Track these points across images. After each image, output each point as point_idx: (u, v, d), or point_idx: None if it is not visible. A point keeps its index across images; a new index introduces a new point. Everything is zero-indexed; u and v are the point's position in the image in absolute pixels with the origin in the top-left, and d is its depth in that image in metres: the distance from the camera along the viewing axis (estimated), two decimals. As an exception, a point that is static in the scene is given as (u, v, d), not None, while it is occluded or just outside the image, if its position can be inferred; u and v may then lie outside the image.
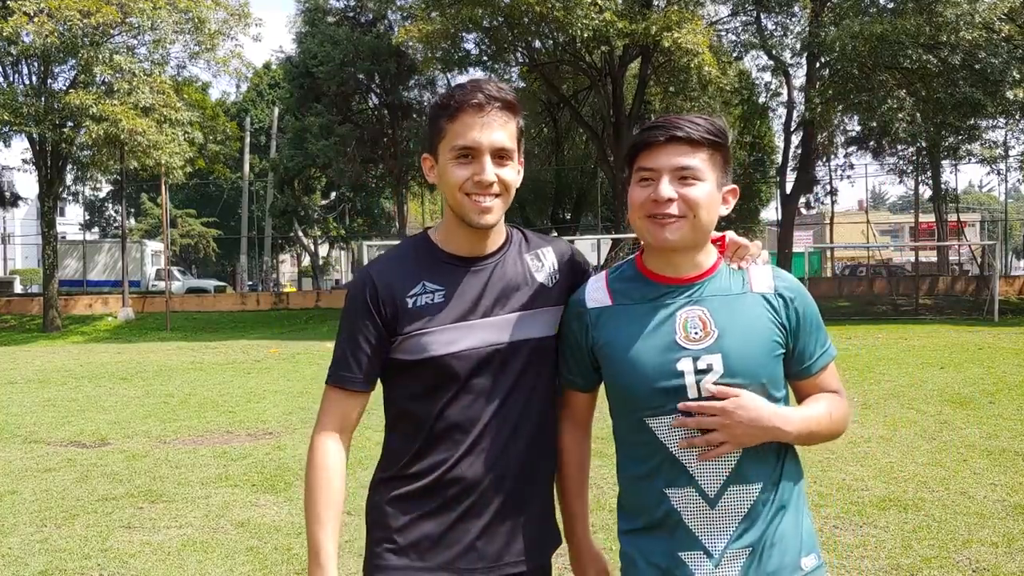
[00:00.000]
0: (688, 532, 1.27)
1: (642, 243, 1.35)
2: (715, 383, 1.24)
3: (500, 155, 1.31)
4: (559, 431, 1.45)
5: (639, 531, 1.33)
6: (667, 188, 1.24)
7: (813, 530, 1.34)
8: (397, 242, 1.54)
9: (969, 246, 27.85)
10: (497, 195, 1.31)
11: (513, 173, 1.34)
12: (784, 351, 1.29)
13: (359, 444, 2.90)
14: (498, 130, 1.30)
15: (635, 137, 1.31)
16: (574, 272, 1.46)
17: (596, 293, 1.36)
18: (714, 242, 1.34)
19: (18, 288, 33.99)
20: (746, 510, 1.26)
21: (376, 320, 1.33)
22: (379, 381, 1.41)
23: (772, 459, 1.28)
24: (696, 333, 1.26)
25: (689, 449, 1.26)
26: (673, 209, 1.24)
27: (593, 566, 1.46)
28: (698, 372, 1.24)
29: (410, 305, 1.33)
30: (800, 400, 1.36)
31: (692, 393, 1.25)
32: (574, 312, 1.38)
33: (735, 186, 1.32)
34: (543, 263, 1.42)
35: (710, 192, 1.25)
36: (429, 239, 1.40)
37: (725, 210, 1.30)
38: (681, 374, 1.25)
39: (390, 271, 1.36)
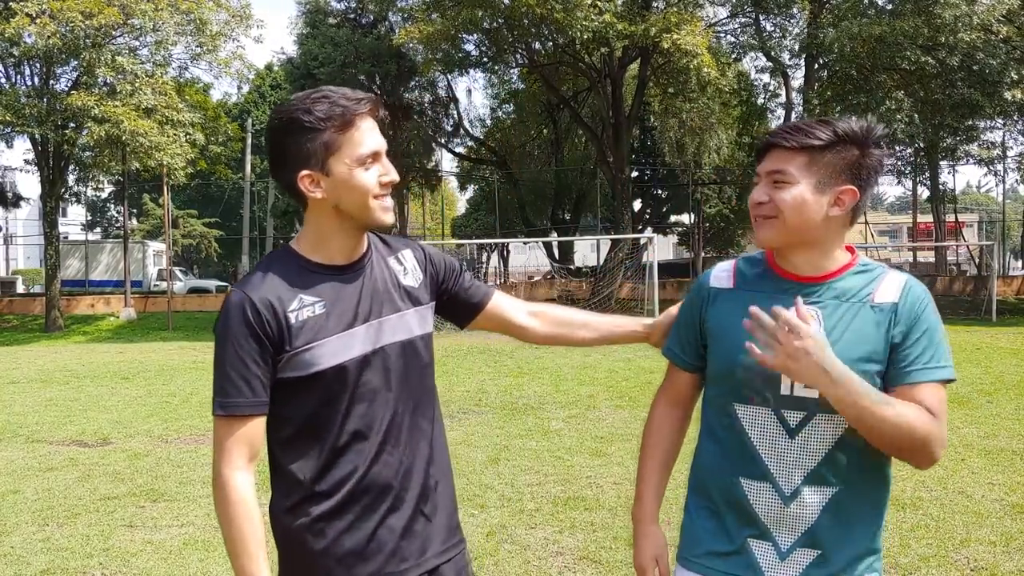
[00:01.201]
0: (759, 522, 1.30)
1: None
2: (805, 386, 1.24)
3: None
4: (655, 404, 1.50)
5: (710, 511, 1.36)
6: (759, 191, 1.32)
7: (880, 546, 1.33)
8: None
9: (967, 246, 27.86)
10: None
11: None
12: (883, 367, 1.27)
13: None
14: (378, 131, 1.34)
15: (756, 144, 1.39)
16: (434, 266, 1.50)
17: (722, 273, 1.41)
18: (848, 250, 1.36)
19: (20, 288, 34.03)
20: (819, 512, 1.27)
21: (261, 339, 1.28)
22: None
23: (857, 465, 1.28)
24: None
25: (769, 441, 1.28)
26: (764, 211, 1.30)
27: (652, 543, 1.45)
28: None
29: (292, 321, 1.30)
30: None
31: (785, 389, 1.27)
32: (696, 288, 1.43)
33: (850, 186, 1.29)
34: (405, 265, 1.45)
35: (799, 194, 1.27)
36: (294, 252, 1.37)
37: (838, 211, 1.29)
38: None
39: (266, 288, 1.31)
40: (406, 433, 1.37)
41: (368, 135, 1.31)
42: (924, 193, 27.92)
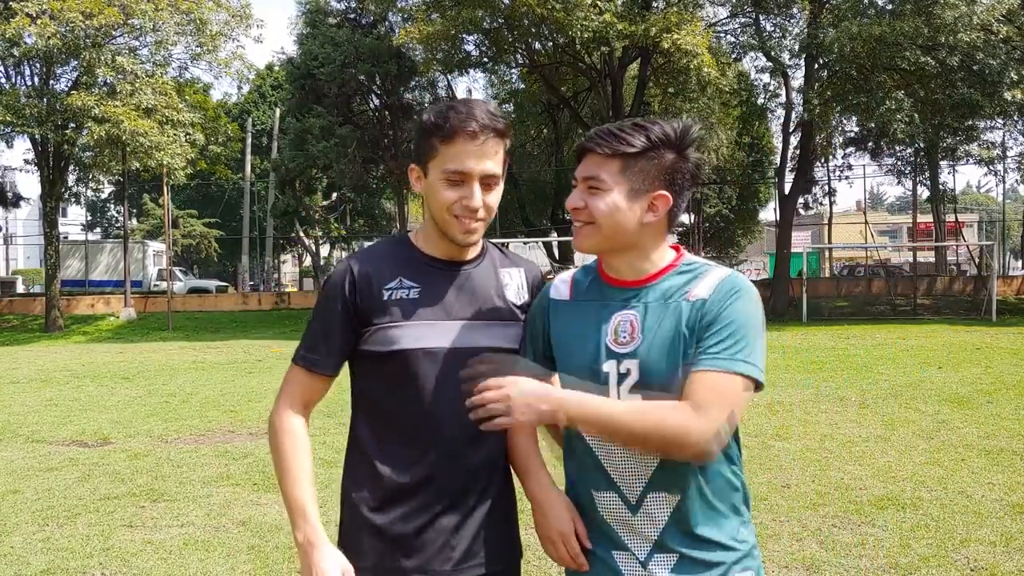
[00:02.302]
0: (616, 534, 1.30)
1: None
2: (630, 390, 1.25)
3: (488, 181, 1.36)
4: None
5: (588, 526, 1.35)
6: (574, 197, 1.30)
7: (753, 542, 1.32)
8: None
9: (967, 246, 27.86)
10: (482, 219, 1.37)
11: (497, 197, 1.39)
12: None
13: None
14: (490, 158, 1.34)
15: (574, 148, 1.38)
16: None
17: (561, 285, 1.41)
18: (674, 248, 1.36)
19: (20, 288, 34.03)
20: (668, 517, 1.27)
21: (350, 308, 1.37)
22: (349, 373, 1.45)
23: (690, 473, 1.26)
24: (624, 337, 1.28)
25: (607, 451, 1.28)
26: (581, 217, 1.30)
27: (554, 508, 1.36)
28: (619, 375, 1.26)
29: (385, 298, 1.37)
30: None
31: (612, 396, 1.27)
32: (539, 300, 1.44)
33: (663, 192, 1.28)
34: (513, 281, 1.47)
35: (612, 202, 1.27)
36: (409, 240, 1.46)
37: (652, 217, 1.28)
38: (606, 376, 1.27)
39: (370, 263, 1.40)
40: (469, 437, 1.36)
41: (466, 156, 1.33)
42: (924, 193, 27.93)
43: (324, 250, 37.14)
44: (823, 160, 25.90)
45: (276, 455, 1.39)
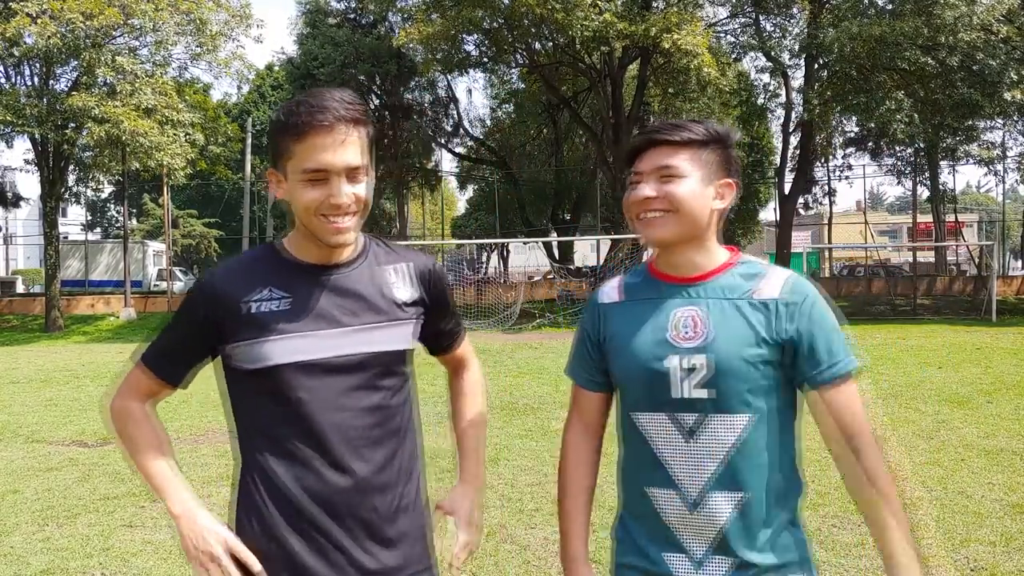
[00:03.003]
0: (671, 533, 1.28)
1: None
2: (699, 385, 1.26)
3: (352, 173, 1.26)
4: (567, 433, 1.46)
5: (628, 525, 1.36)
6: (645, 188, 1.30)
7: (807, 548, 1.32)
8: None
9: (967, 246, 27.86)
10: (353, 213, 1.28)
11: (366, 188, 1.29)
12: (772, 361, 1.26)
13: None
14: (349, 149, 1.24)
15: (628, 144, 1.37)
16: (433, 283, 1.43)
17: (610, 290, 1.41)
18: (729, 249, 1.37)
19: (20, 288, 34.02)
20: (728, 517, 1.25)
21: (205, 326, 1.29)
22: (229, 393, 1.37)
23: (762, 467, 1.26)
24: (687, 332, 1.28)
25: (668, 448, 1.28)
26: (656, 205, 1.29)
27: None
28: (684, 371, 1.27)
29: (252, 311, 1.28)
30: (821, 423, 1.31)
31: (676, 392, 1.27)
32: (590, 309, 1.43)
33: (731, 180, 1.32)
34: (401, 276, 1.39)
35: (691, 187, 1.28)
36: (278, 246, 1.36)
37: (720, 204, 1.32)
38: (667, 372, 1.27)
39: (233, 275, 1.31)
40: (365, 451, 1.30)
41: (321, 152, 1.23)
42: (924, 193, 27.94)
43: (324, 250, 37.06)
44: (823, 160, 25.93)
45: (123, 438, 1.35)
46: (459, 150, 29.29)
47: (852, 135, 24.53)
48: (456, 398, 1.61)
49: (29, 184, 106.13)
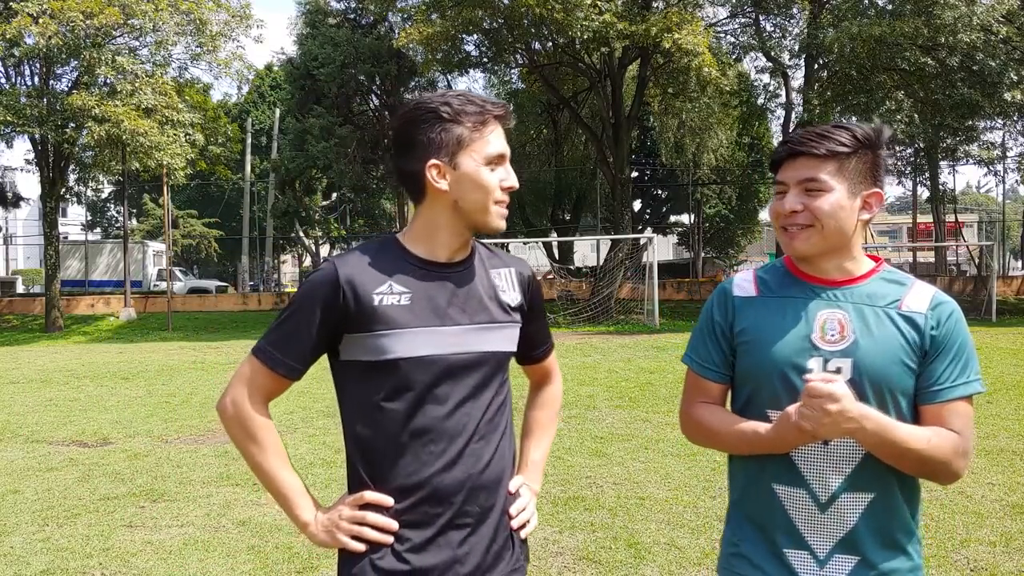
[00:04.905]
0: (795, 531, 1.29)
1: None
2: None
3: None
4: (692, 410, 1.43)
5: (747, 520, 1.35)
6: (791, 200, 1.29)
7: (922, 551, 1.34)
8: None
9: (967, 247, 27.87)
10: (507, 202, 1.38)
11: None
12: (914, 373, 1.28)
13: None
14: (504, 139, 1.38)
15: (773, 152, 1.37)
16: (532, 293, 1.47)
17: (744, 283, 1.40)
18: (872, 258, 1.36)
19: (20, 288, 34.04)
20: (858, 517, 1.27)
21: (331, 314, 1.29)
22: (339, 384, 1.37)
23: (893, 469, 1.27)
24: (833, 335, 1.28)
25: (807, 449, 1.27)
26: (800, 220, 1.29)
27: None
28: (826, 373, 1.26)
29: (376, 303, 1.28)
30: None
31: None
32: (719, 300, 1.41)
33: (878, 190, 1.31)
34: (506, 281, 1.43)
35: (836, 201, 1.28)
36: (398, 241, 1.37)
37: (866, 215, 1.31)
38: (810, 372, 1.26)
39: (357, 267, 1.31)
40: (474, 445, 1.33)
41: (498, 137, 1.35)
42: (924, 193, 27.95)
43: (324, 250, 37.16)
44: (823, 160, 25.84)
45: (249, 441, 1.33)
46: (459, 150, 29.20)
47: (852, 135, 24.47)
48: (534, 409, 1.62)
49: (29, 184, 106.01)
